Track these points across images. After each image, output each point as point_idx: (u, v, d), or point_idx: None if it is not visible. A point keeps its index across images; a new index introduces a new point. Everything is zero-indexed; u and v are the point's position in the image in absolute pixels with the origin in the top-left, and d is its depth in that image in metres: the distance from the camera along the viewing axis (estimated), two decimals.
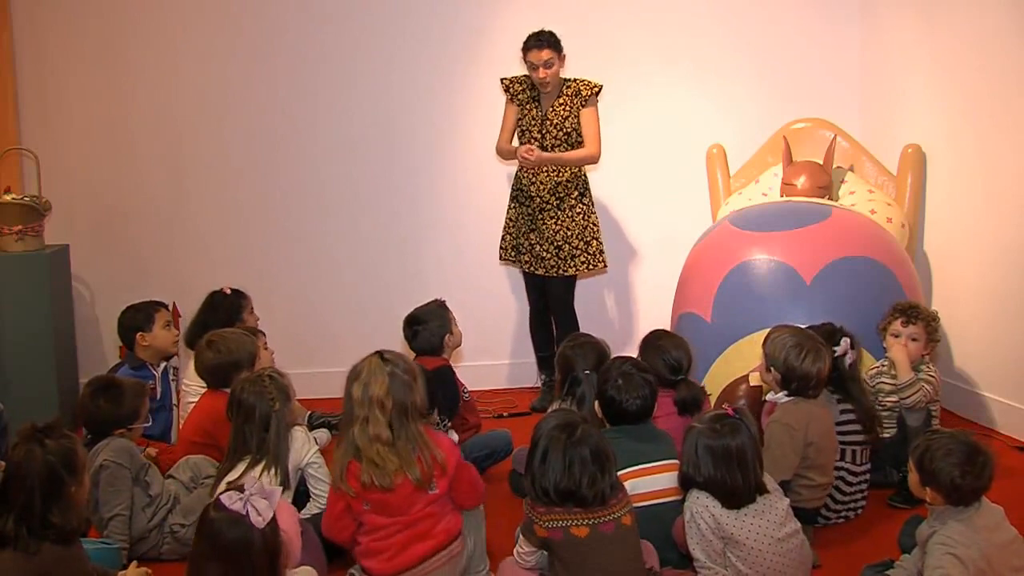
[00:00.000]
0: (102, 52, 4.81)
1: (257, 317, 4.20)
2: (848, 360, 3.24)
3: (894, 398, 3.52)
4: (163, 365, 3.96)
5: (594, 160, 4.52)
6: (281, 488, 2.81)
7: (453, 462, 2.61)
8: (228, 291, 4.11)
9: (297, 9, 4.89)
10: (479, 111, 4.83)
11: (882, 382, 3.58)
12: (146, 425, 3.27)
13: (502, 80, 4.58)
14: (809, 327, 3.26)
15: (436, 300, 3.88)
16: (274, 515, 2.23)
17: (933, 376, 3.55)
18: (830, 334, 3.26)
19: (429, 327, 3.75)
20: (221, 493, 2.24)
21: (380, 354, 2.61)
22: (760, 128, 4.96)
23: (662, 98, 5.08)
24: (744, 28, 5.09)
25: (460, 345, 3.94)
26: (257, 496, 2.21)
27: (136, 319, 3.93)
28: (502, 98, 4.61)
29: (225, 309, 4.02)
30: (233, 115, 4.92)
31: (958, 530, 2.39)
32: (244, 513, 2.17)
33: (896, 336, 3.58)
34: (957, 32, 4.35)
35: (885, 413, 3.57)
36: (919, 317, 3.59)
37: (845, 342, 3.24)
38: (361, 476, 2.51)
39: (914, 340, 3.57)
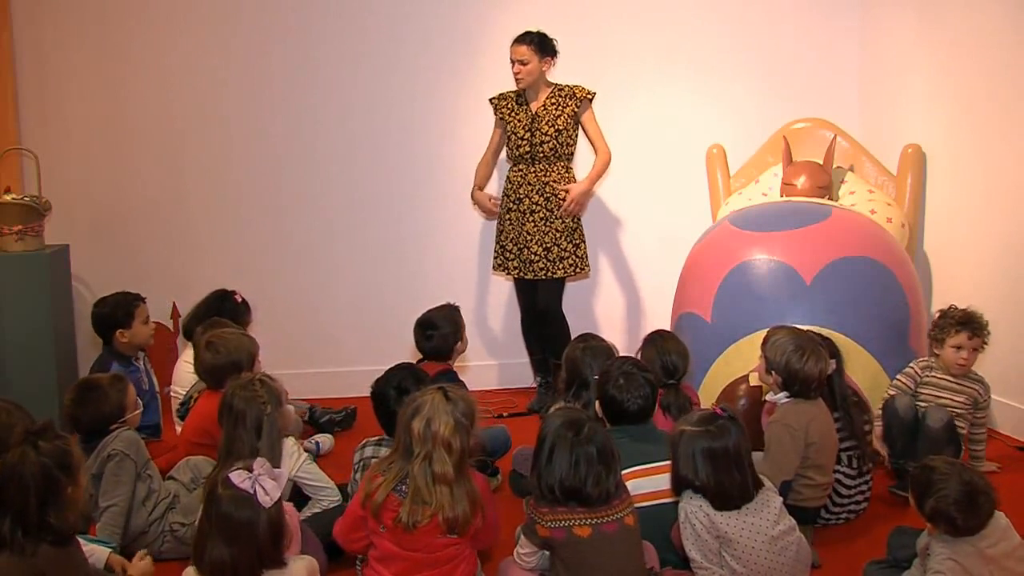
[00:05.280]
0: (102, 52, 4.81)
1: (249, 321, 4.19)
2: (830, 370, 3.17)
3: (945, 394, 3.52)
4: (141, 356, 3.98)
5: (609, 162, 4.54)
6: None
7: (485, 504, 2.55)
8: (240, 298, 4.11)
9: (297, 11, 4.89)
10: (480, 113, 4.81)
11: (936, 376, 3.56)
12: (139, 412, 3.22)
13: (490, 100, 4.61)
14: None
15: (449, 304, 3.81)
16: (280, 496, 2.28)
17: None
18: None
19: (442, 333, 3.69)
20: (230, 471, 2.28)
21: (444, 391, 2.54)
22: (760, 128, 4.96)
23: (662, 98, 5.08)
24: (744, 28, 5.09)
25: (465, 352, 3.89)
26: (265, 476, 2.27)
27: (115, 315, 3.92)
28: None
29: (228, 314, 3.97)
30: (233, 115, 4.91)
31: (958, 539, 2.41)
32: (252, 492, 2.23)
33: (959, 351, 3.55)
34: (957, 32, 4.35)
35: (924, 406, 3.52)
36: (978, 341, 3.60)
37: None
38: (400, 512, 2.45)
39: (975, 350, 3.58)
